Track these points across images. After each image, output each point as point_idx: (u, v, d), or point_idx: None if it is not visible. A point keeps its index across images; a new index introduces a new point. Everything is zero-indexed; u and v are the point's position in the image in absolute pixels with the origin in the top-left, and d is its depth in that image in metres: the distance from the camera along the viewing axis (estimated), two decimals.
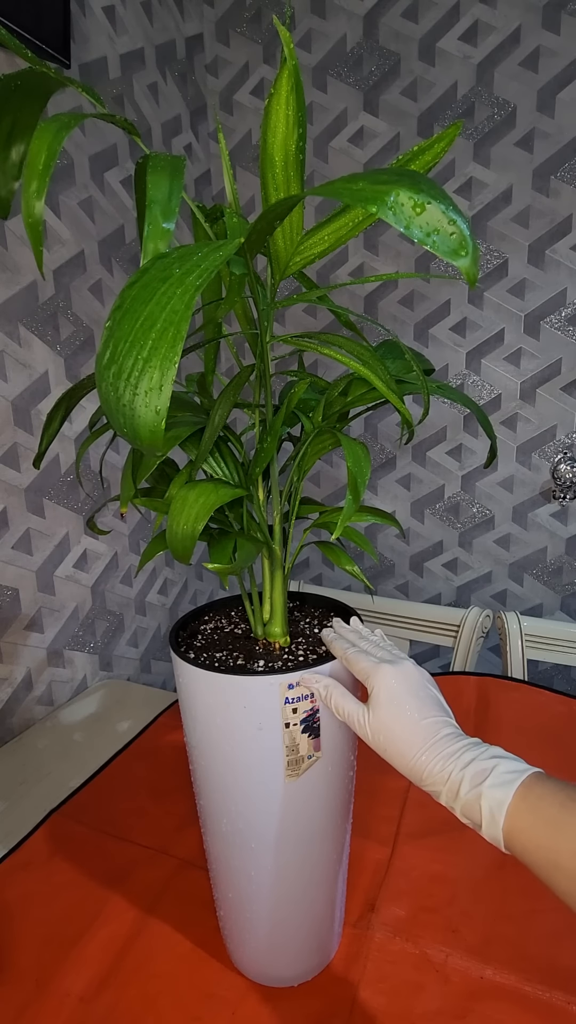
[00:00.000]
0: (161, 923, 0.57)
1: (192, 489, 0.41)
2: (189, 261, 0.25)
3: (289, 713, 0.42)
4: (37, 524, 0.94)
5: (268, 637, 0.49)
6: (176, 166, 0.29)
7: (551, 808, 0.33)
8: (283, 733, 0.43)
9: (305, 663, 0.45)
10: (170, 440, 0.41)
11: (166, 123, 1.19)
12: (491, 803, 0.34)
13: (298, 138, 0.32)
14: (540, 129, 1.12)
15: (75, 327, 0.99)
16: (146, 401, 0.23)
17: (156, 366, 0.23)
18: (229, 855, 0.48)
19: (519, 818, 0.33)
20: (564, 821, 0.32)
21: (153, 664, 1.28)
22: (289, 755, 0.43)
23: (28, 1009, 0.50)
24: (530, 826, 0.33)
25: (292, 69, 0.30)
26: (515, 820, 0.33)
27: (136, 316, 0.24)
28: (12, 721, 0.92)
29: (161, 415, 0.24)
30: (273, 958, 0.52)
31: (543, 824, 0.33)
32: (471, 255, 0.24)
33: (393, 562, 1.46)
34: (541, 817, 0.33)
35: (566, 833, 0.32)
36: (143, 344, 0.24)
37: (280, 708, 0.42)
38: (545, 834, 0.33)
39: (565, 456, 1.24)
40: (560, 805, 0.33)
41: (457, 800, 0.36)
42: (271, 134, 0.32)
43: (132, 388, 0.23)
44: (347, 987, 0.51)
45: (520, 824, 0.33)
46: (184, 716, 0.47)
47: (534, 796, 0.34)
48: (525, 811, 0.33)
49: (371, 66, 1.20)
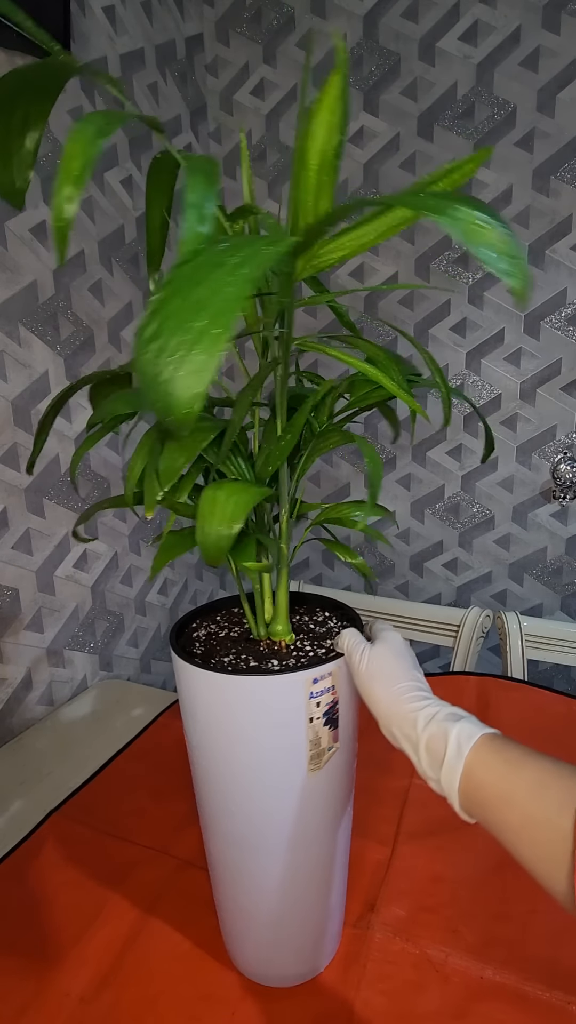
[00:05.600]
0: (161, 923, 0.57)
1: (220, 489, 0.39)
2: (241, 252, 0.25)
3: (313, 707, 0.43)
4: (37, 524, 0.94)
5: (272, 636, 0.49)
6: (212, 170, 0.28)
7: (514, 751, 0.35)
8: (307, 728, 0.43)
9: (323, 658, 0.46)
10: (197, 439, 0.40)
11: (166, 123, 1.19)
12: (460, 735, 0.36)
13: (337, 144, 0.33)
14: (540, 129, 1.12)
15: (75, 327, 0.99)
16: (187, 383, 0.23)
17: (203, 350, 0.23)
18: (233, 856, 0.48)
19: (483, 752, 0.36)
20: (524, 761, 0.34)
21: (153, 664, 1.28)
22: (312, 749, 0.44)
23: (28, 1009, 0.50)
24: (492, 761, 0.35)
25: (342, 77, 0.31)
26: (479, 754, 0.36)
27: (187, 296, 0.24)
28: (12, 721, 0.92)
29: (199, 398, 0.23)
30: (274, 958, 0.52)
31: (503, 763, 0.35)
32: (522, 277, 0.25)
33: (393, 562, 1.46)
34: (503, 756, 0.35)
35: (525, 771, 0.34)
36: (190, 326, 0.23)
37: (305, 703, 0.43)
38: (504, 770, 0.34)
39: (565, 456, 1.24)
40: (521, 751, 0.35)
41: (428, 727, 0.38)
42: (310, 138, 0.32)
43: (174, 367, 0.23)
44: (347, 987, 0.51)
45: (483, 758, 0.35)
46: (189, 719, 0.47)
47: (499, 741, 0.36)
48: (489, 749, 0.36)
49: (371, 66, 1.20)
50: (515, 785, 0.34)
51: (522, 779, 0.34)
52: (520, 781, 0.34)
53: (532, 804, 0.33)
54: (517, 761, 0.34)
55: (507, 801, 0.34)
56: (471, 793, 0.35)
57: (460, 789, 0.36)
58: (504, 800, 0.34)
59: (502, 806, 0.34)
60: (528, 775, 0.34)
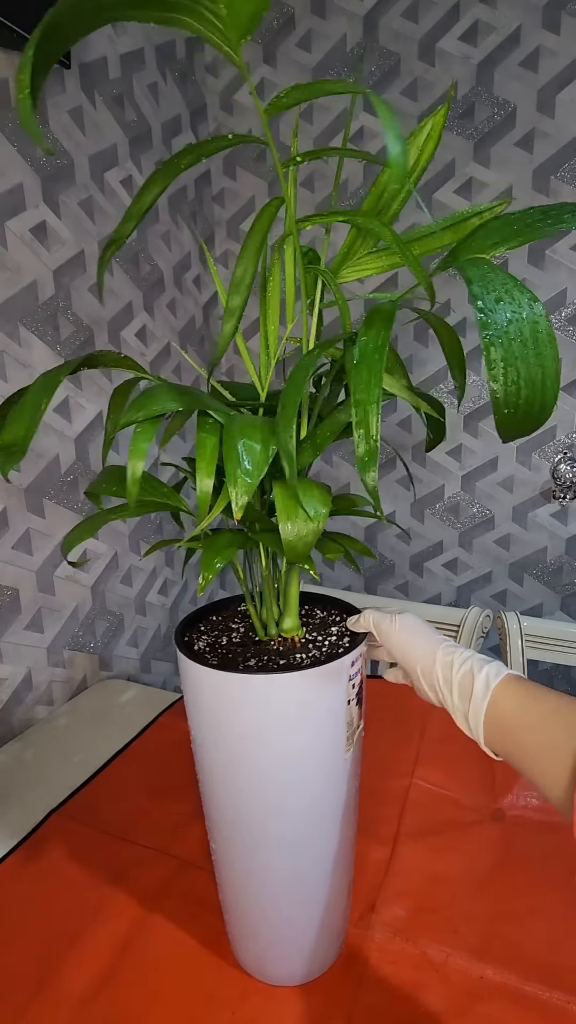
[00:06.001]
0: (161, 923, 0.57)
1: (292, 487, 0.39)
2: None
3: (349, 689, 0.45)
4: (37, 524, 0.94)
5: (283, 633, 0.49)
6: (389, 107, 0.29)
7: (534, 687, 0.39)
8: (344, 710, 0.45)
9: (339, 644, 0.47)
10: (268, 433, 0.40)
11: (166, 123, 1.19)
12: (488, 672, 0.40)
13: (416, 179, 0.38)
14: (540, 129, 1.12)
15: (75, 327, 0.99)
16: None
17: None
18: (242, 856, 0.48)
19: (507, 687, 0.39)
20: (542, 694, 0.38)
21: (153, 664, 1.28)
22: (347, 730, 0.46)
23: (28, 1009, 0.50)
24: (514, 693, 0.39)
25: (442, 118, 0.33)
26: (504, 689, 0.39)
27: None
28: (12, 721, 0.92)
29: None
30: (280, 958, 0.52)
31: (524, 694, 0.39)
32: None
33: (393, 562, 1.46)
34: (524, 690, 0.39)
35: (542, 701, 0.38)
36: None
37: (345, 687, 0.45)
38: (525, 700, 0.38)
39: (565, 456, 1.24)
40: (541, 687, 0.39)
41: (462, 667, 0.41)
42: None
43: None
44: (347, 987, 0.51)
45: (506, 692, 0.39)
46: (203, 723, 0.46)
47: (523, 680, 0.40)
48: (513, 685, 0.40)
49: (371, 66, 1.20)
50: (532, 713, 0.37)
51: (539, 708, 0.37)
52: (537, 709, 0.37)
53: (546, 728, 0.36)
54: (536, 694, 0.38)
55: (524, 727, 0.37)
56: (494, 724, 0.39)
57: (485, 721, 0.39)
58: (522, 726, 0.37)
59: (520, 732, 0.37)
60: (545, 705, 0.37)
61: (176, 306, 1.28)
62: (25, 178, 0.87)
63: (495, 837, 0.66)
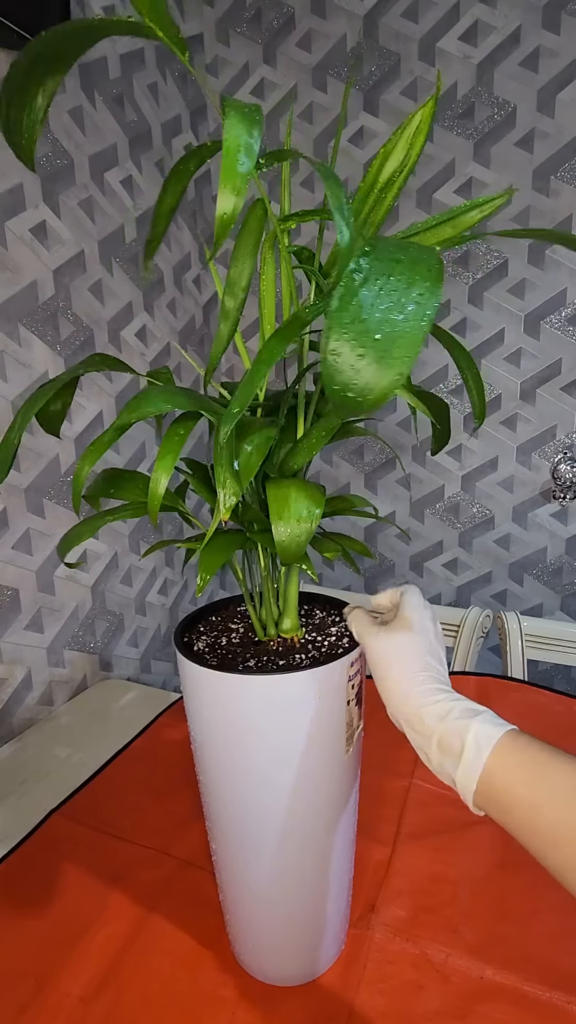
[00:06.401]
0: (161, 923, 0.57)
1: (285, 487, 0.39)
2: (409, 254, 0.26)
3: (349, 690, 0.45)
4: (37, 524, 0.94)
5: (282, 634, 0.49)
6: (253, 113, 0.29)
7: (539, 752, 0.33)
8: (344, 711, 0.45)
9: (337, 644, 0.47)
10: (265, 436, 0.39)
11: (166, 123, 1.19)
12: (478, 735, 0.34)
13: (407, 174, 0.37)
14: (540, 129, 1.12)
15: (75, 327, 0.99)
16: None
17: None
18: (242, 856, 0.48)
19: (505, 754, 0.33)
20: (551, 763, 0.32)
21: (153, 664, 1.28)
22: (347, 730, 0.46)
23: (28, 1009, 0.50)
24: (516, 764, 0.33)
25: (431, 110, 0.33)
26: (500, 756, 0.33)
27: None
28: (12, 721, 0.92)
29: (396, 383, 0.24)
30: (280, 958, 0.52)
31: (529, 764, 0.33)
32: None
33: (393, 562, 1.46)
34: (528, 757, 0.33)
35: (554, 775, 0.32)
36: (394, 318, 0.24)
37: (345, 687, 0.44)
38: (531, 773, 0.32)
39: (565, 456, 1.24)
40: (547, 751, 0.33)
41: (442, 723, 0.35)
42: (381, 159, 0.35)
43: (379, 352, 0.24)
44: (347, 987, 0.51)
45: (505, 761, 0.33)
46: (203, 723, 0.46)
47: (523, 740, 0.34)
48: (512, 750, 0.33)
49: (371, 66, 1.20)
50: (543, 789, 0.32)
51: (550, 783, 0.32)
52: (548, 785, 0.32)
53: (562, 809, 0.31)
54: (544, 763, 0.33)
55: (534, 805, 0.32)
56: (491, 794, 0.34)
57: (478, 789, 0.34)
58: (531, 804, 0.32)
59: (528, 810, 0.32)
60: (558, 778, 0.32)
61: (176, 306, 1.28)
62: (25, 178, 0.87)
63: (495, 837, 0.66)
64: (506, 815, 0.33)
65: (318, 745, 0.44)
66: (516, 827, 0.33)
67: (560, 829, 0.31)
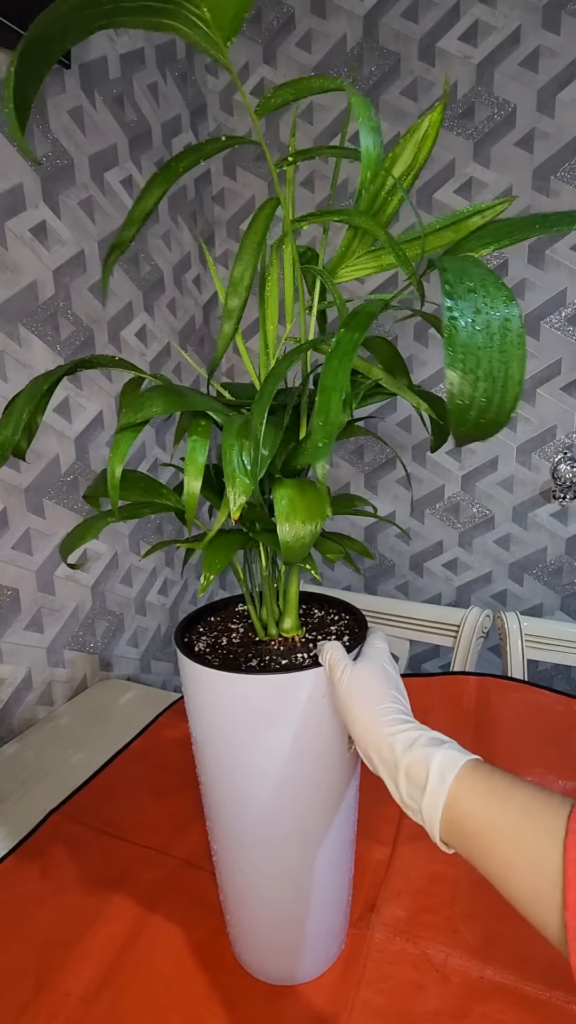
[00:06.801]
0: (161, 923, 0.57)
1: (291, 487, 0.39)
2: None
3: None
4: (37, 524, 0.94)
5: (283, 633, 0.49)
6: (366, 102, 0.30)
7: (500, 779, 0.34)
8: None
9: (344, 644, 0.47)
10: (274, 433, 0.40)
11: (166, 123, 1.19)
12: (443, 761, 0.35)
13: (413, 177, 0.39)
14: (540, 129, 1.12)
15: (75, 327, 0.99)
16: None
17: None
18: (244, 855, 0.48)
19: (468, 780, 0.34)
20: (511, 789, 0.33)
21: (153, 664, 1.28)
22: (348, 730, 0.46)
23: (28, 1009, 0.50)
24: (478, 789, 0.33)
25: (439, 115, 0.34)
26: (463, 781, 0.34)
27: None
28: (12, 721, 0.92)
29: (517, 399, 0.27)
30: (281, 958, 0.52)
31: (489, 791, 0.33)
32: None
33: (393, 562, 1.46)
34: (489, 784, 0.33)
35: (512, 799, 0.32)
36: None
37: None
38: (491, 799, 0.33)
39: (565, 456, 1.24)
40: (508, 778, 0.34)
41: (408, 752, 0.36)
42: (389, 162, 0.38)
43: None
44: (347, 987, 0.51)
45: (468, 785, 0.34)
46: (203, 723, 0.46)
47: (484, 768, 0.35)
48: (474, 777, 0.34)
49: (371, 66, 1.20)
50: (503, 814, 0.32)
51: (510, 808, 0.32)
52: (508, 810, 0.32)
53: (520, 834, 0.31)
54: (504, 790, 0.33)
55: (494, 830, 0.32)
56: (455, 822, 0.34)
57: (443, 818, 0.34)
58: (491, 829, 0.32)
59: (489, 836, 0.32)
60: (516, 804, 0.32)
61: (176, 306, 1.28)
62: (25, 178, 0.87)
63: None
64: (469, 842, 0.33)
65: (318, 745, 0.44)
66: (479, 855, 0.33)
67: (518, 856, 0.31)
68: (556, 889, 0.30)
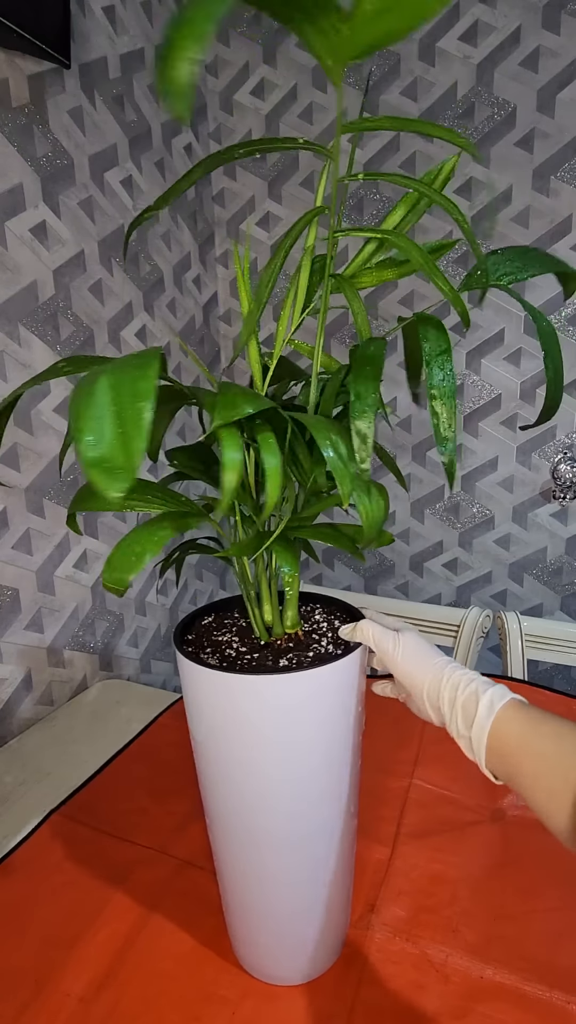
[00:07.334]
0: (161, 923, 0.57)
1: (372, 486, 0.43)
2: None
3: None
4: (37, 524, 0.94)
5: (286, 629, 0.49)
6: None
7: (537, 711, 0.40)
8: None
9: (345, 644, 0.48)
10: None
11: (166, 123, 1.19)
12: (492, 696, 0.40)
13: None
14: (540, 129, 1.12)
15: (75, 327, 0.99)
16: None
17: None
18: (246, 855, 0.48)
19: (510, 710, 0.39)
20: (545, 718, 0.39)
21: (153, 664, 1.28)
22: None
23: (28, 1009, 0.50)
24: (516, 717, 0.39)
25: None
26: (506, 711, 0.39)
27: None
28: (12, 721, 0.92)
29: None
30: (282, 957, 0.52)
31: (526, 718, 0.39)
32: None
33: (393, 562, 1.46)
34: (527, 714, 0.39)
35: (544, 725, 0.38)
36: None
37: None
38: (527, 724, 0.38)
39: (565, 456, 1.24)
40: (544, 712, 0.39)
41: (466, 689, 0.41)
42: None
43: None
44: (347, 987, 0.51)
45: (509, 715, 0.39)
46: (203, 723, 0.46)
47: (526, 704, 0.41)
48: (516, 708, 0.40)
49: (371, 66, 1.20)
50: (534, 736, 0.38)
51: (541, 732, 0.38)
52: (539, 733, 0.38)
53: (547, 752, 0.37)
54: (539, 718, 0.39)
55: (526, 751, 0.37)
56: (496, 747, 0.39)
57: (488, 744, 0.39)
58: (523, 750, 0.38)
59: (521, 755, 0.38)
60: (547, 728, 0.38)
61: (176, 306, 1.28)
62: (25, 178, 0.87)
63: (495, 837, 0.66)
64: (505, 762, 0.38)
65: (318, 745, 0.44)
66: (512, 773, 0.38)
67: (541, 768, 0.36)
68: (569, 788, 0.35)
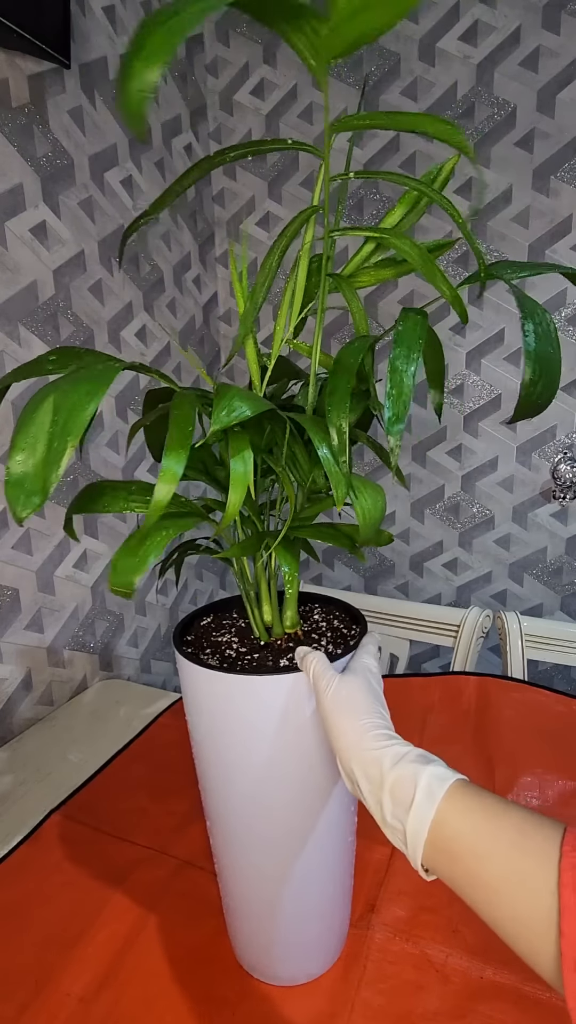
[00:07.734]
0: (161, 923, 0.57)
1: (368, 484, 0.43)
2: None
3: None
4: (37, 524, 0.94)
5: (287, 629, 0.49)
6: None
7: (490, 799, 0.32)
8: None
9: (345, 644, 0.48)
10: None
11: (166, 123, 1.19)
12: (431, 779, 0.33)
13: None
14: (540, 129, 1.12)
15: (75, 327, 0.99)
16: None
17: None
18: (245, 855, 0.48)
19: (457, 799, 0.32)
20: (502, 810, 0.32)
21: (153, 664, 1.28)
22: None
23: (28, 1009, 0.50)
24: (467, 809, 0.32)
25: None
26: (452, 800, 0.32)
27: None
28: (12, 721, 0.92)
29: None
30: (282, 958, 0.52)
31: (479, 810, 0.32)
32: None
33: (393, 562, 1.46)
34: (478, 803, 0.32)
35: (503, 820, 0.31)
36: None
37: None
38: (481, 819, 0.31)
39: (565, 456, 1.24)
40: (497, 799, 0.33)
41: (395, 768, 0.34)
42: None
43: None
44: (347, 987, 0.51)
45: (457, 805, 0.32)
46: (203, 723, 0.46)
47: (473, 788, 0.33)
48: (463, 795, 0.33)
49: (371, 66, 1.20)
50: (493, 835, 0.31)
51: (501, 829, 0.31)
52: (499, 831, 0.31)
53: (511, 856, 0.30)
54: (495, 808, 0.32)
55: (483, 854, 0.31)
56: (441, 844, 0.32)
57: (428, 839, 0.33)
58: (480, 853, 0.31)
59: (477, 859, 0.31)
60: (507, 824, 0.31)
61: (176, 306, 1.28)
62: (25, 178, 0.87)
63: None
64: (455, 865, 0.32)
65: (318, 745, 0.44)
66: (464, 879, 0.32)
67: (509, 879, 0.30)
68: (549, 914, 0.28)
